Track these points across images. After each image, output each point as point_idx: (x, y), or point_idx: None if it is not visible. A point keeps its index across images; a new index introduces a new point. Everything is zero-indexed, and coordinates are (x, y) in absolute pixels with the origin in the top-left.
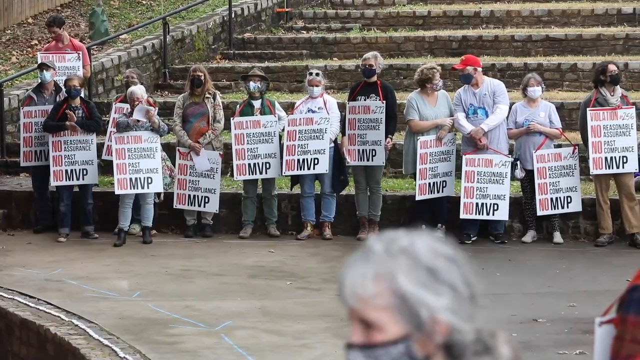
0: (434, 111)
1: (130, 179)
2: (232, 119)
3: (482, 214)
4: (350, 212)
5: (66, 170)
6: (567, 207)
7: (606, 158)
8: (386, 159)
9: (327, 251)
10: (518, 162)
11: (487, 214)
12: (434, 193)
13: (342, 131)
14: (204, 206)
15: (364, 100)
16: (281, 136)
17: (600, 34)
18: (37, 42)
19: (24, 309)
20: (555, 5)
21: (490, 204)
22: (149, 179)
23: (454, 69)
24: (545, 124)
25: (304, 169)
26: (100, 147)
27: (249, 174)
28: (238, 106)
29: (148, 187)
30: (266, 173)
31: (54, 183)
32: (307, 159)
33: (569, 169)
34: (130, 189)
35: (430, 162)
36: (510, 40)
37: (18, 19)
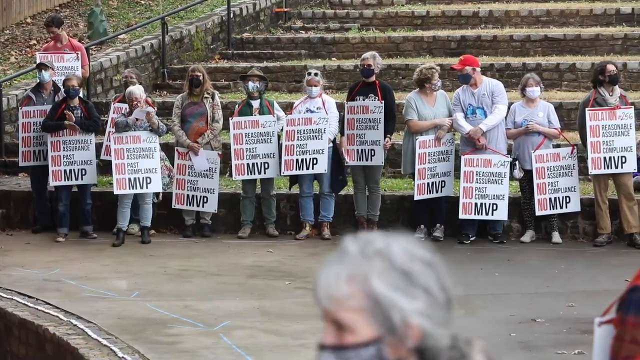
0: (433, 111)
1: (129, 179)
2: (230, 118)
3: (481, 214)
4: (349, 212)
5: (65, 170)
6: (566, 207)
7: (605, 158)
8: (385, 159)
9: (326, 251)
10: (517, 162)
11: (486, 214)
12: (432, 193)
13: (341, 131)
14: (203, 206)
15: (363, 100)
16: (280, 136)
17: (598, 34)
18: (35, 42)
19: (22, 308)
20: (553, 5)
21: (489, 204)
22: (148, 179)
23: (452, 69)
24: (543, 124)
25: (302, 169)
26: (99, 147)
27: (248, 174)
28: (237, 106)
29: (147, 187)
30: (265, 173)
31: (52, 183)
32: (306, 159)
33: (567, 169)
34: (129, 189)
35: (429, 162)
36: (508, 40)
37: (17, 18)
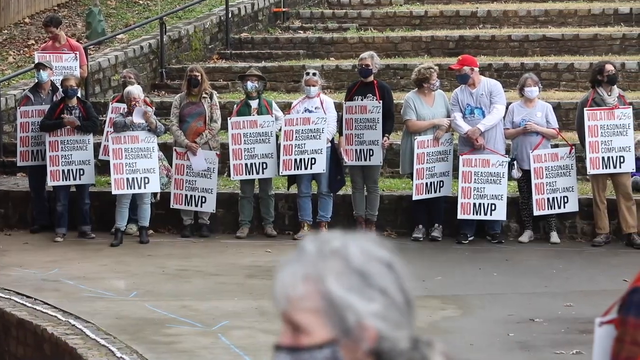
0: (431, 111)
1: (127, 179)
2: (229, 118)
3: (480, 214)
4: (347, 212)
5: (63, 170)
6: (564, 207)
7: (603, 158)
8: (383, 159)
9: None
10: (515, 162)
11: (485, 214)
12: (431, 193)
13: (340, 131)
14: (201, 206)
15: (361, 100)
16: (278, 136)
17: (597, 34)
18: (34, 42)
19: (20, 308)
20: (552, 5)
21: (488, 204)
22: (146, 179)
23: (450, 69)
24: (542, 124)
25: (301, 169)
26: (97, 147)
27: (246, 174)
28: (235, 106)
29: (145, 187)
30: (263, 173)
31: (50, 183)
32: (304, 159)
33: (565, 169)
34: (127, 189)
35: (427, 162)
36: (507, 40)
37: (15, 18)
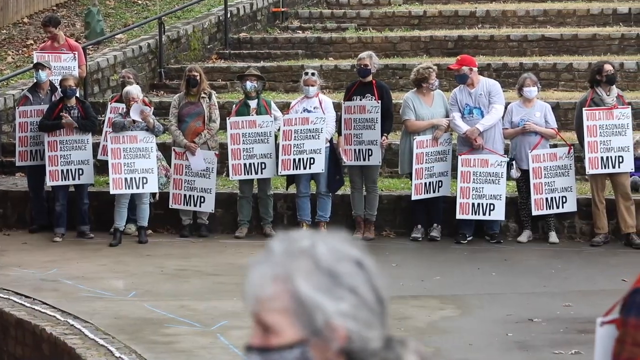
0: (430, 111)
1: (126, 178)
2: (228, 118)
3: (479, 214)
4: (346, 212)
5: (62, 170)
6: (562, 207)
7: (602, 158)
8: (382, 159)
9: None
10: (514, 162)
11: (484, 214)
12: (429, 193)
13: (338, 131)
14: (200, 206)
15: (360, 100)
16: (277, 136)
17: (595, 33)
18: (32, 42)
19: (19, 308)
20: (550, 5)
21: (486, 204)
22: (144, 179)
23: (449, 69)
24: (540, 124)
25: (299, 169)
26: (96, 147)
27: (245, 174)
28: (234, 106)
29: (143, 187)
30: (262, 173)
31: (49, 183)
32: (303, 159)
33: (564, 169)
34: (126, 189)
35: (426, 162)
36: (505, 40)
37: (14, 18)
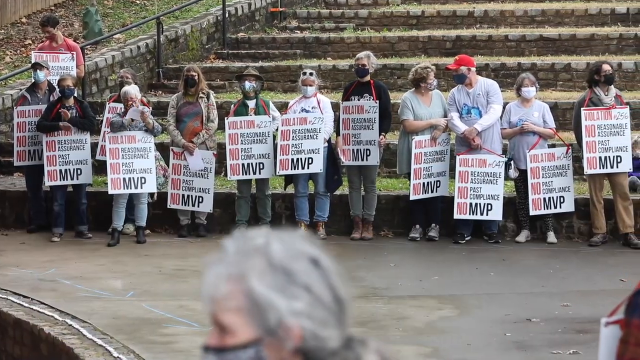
0: (429, 111)
1: (124, 178)
2: (226, 118)
3: (476, 214)
4: (344, 212)
5: (60, 170)
6: (560, 207)
7: (600, 158)
8: (380, 159)
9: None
10: (512, 162)
11: (481, 214)
12: (428, 193)
13: (337, 131)
14: (198, 206)
15: (358, 100)
16: (275, 136)
17: (594, 33)
18: (30, 42)
19: (17, 308)
20: (549, 5)
21: (484, 204)
22: (143, 179)
23: (447, 69)
24: (539, 124)
25: (297, 169)
26: (94, 146)
27: (243, 174)
28: (232, 106)
29: (141, 187)
30: (260, 173)
31: (48, 183)
32: (301, 159)
33: (562, 169)
34: (124, 188)
35: (424, 162)
36: (504, 40)
37: (12, 18)
